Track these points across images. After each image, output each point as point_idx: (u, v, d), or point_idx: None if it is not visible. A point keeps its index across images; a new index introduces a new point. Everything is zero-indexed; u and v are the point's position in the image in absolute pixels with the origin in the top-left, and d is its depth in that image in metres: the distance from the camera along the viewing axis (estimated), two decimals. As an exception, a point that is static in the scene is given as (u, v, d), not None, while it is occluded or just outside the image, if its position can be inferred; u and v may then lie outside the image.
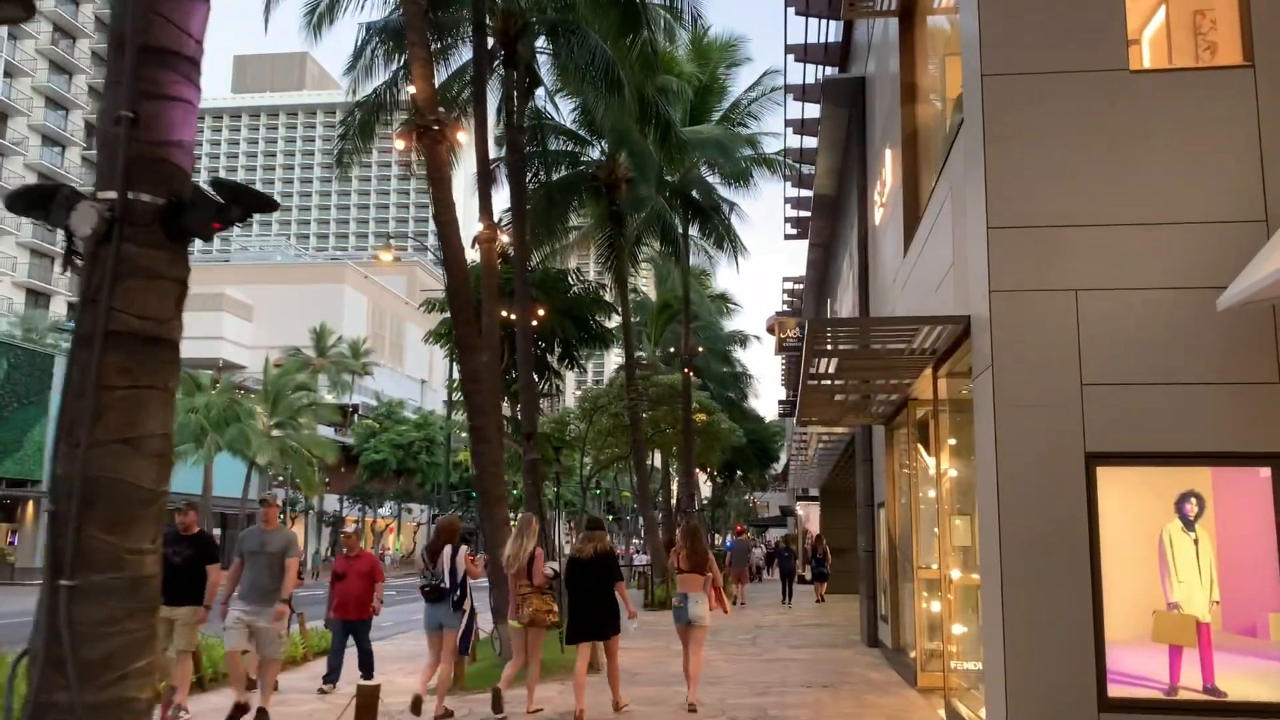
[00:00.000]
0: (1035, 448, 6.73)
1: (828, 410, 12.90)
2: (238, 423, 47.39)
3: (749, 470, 65.31)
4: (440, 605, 9.55)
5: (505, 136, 20.18)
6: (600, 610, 9.58)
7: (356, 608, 11.07)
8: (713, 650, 14.87)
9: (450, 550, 9.59)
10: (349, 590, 11.08)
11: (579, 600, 9.63)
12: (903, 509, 13.03)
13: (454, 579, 9.50)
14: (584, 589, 9.63)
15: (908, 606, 12.87)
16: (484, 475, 12.18)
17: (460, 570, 9.58)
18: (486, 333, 15.96)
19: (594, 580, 9.61)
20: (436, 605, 9.56)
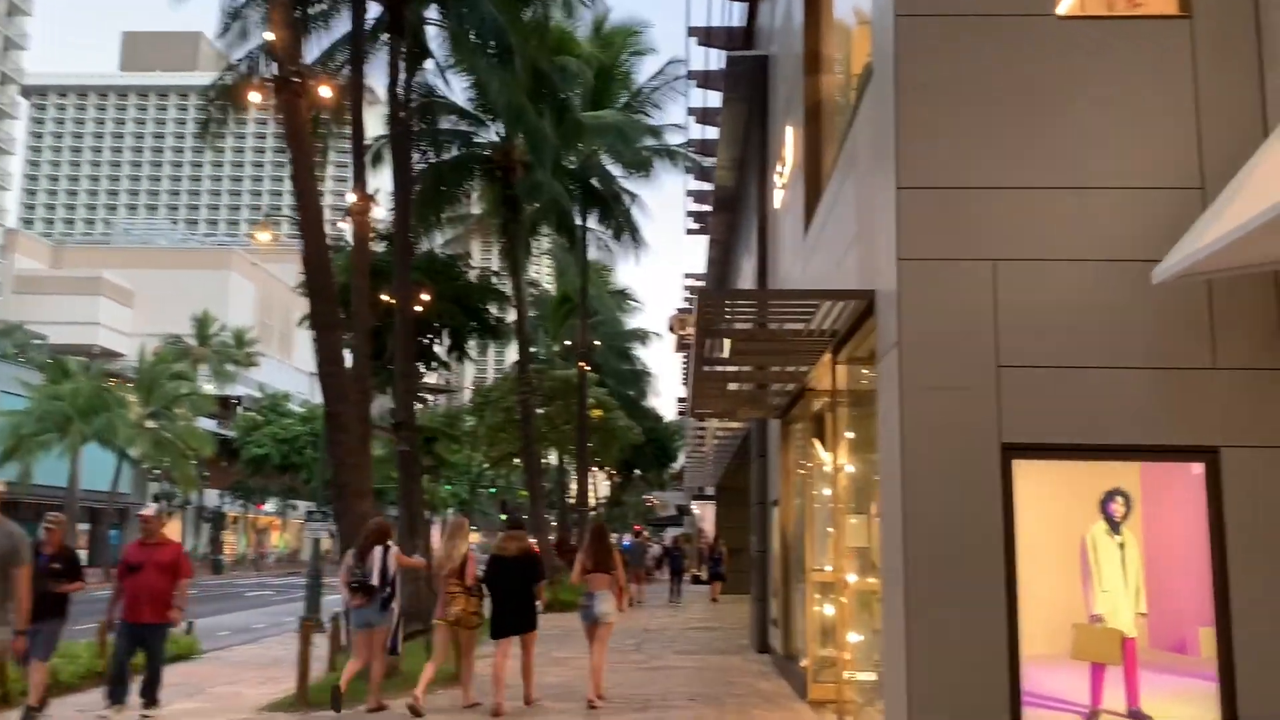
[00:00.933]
0: (945, 436, 5.90)
1: (722, 401, 12.03)
2: (107, 412, 44.60)
3: (647, 470, 64.66)
4: (370, 603, 9.63)
5: (389, 108, 18.87)
6: (522, 606, 9.86)
7: (152, 609, 8.96)
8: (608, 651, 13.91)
9: (381, 550, 9.69)
10: (143, 586, 8.93)
11: (502, 597, 9.85)
12: (797, 507, 12.25)
13: (384, 578, 9.61)
14: (507, 586, 9.85)
15: (799, 611, 12.10)
16: (342, 467, 10.98)
17: (391, 570, 9.69)
18: (356, 313, 14.70)
19: (517, 578, 9.84)
20: (364, 604, 9.65)
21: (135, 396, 48.36)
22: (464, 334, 26.94)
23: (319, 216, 11.12)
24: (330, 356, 10.98)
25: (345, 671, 9.73)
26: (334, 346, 11.00)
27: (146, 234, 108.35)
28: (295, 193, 11.01)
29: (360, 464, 11.15)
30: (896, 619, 5.96)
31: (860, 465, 9.20)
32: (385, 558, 9.69)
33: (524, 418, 27.46)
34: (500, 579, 9.89)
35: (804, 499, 11.76)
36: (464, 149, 26.88)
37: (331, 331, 11.01)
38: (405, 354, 17.90)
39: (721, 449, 24.10)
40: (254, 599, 35.55)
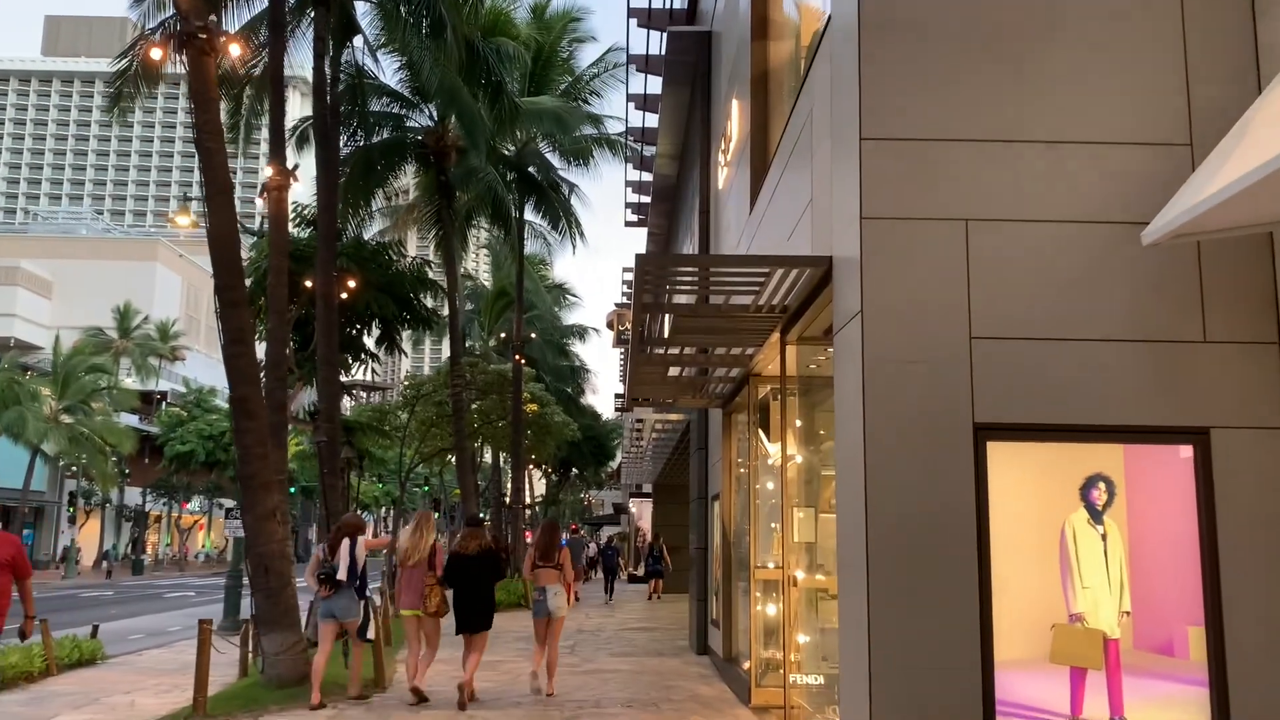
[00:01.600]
0: (912, 416, 5.28)
1: (662, 388, 11.36)
2: (17, 405, 42.58)
3: (585, 468, 63.89)
4: (338, 596, 9.72)
5: (314, 83, 17.88)
6: (481, 603, 10.02)
7: None
8: (526, 660, 13.15)
9: (349, 543, 9.79)
10: None
11: (463, 593, 10.00)
12: (739, 502, 11.63)
13: (353, 571, 9.77)
14: (468, 583, 10.02)
15: (742, 611, 11.49)
16: (249, 458, 10.08)
17: (360, 562, 9.84)
18: (273, 294, 13.74)
19: (477, 575, 10.04)
20: (332, 596, 9.74)
21: (49, 390, 46.30)
22: (395, 324, 25.90)
23: (228, 187, 10.21)
24: (236, 336, 10.08)
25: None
26: (241, 325, 10.10)
27: (68, 223, 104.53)
28: (200, 155, 10.08)
29: (268, 455, 10.27)
30: (857, 620, 5.33)
31: (808, 456, 8.61)
32: (354, 550, 9.81)
33: (456, 411, 26.53)
34: (461, 576, 10.07)
35: (747, 493, 11.15)
36: (396, 132, 25.90)
37: (238, 309, 10.11)
38: (327, 341, 16.92)
39: (660, 444, 23.50)
40: (173, 600, 34.11)
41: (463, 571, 10.04)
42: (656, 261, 6.77)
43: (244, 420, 10.15)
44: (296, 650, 10.22)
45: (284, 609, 10.16)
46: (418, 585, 9.95)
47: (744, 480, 11.45)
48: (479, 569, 10.03)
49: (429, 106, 26.19)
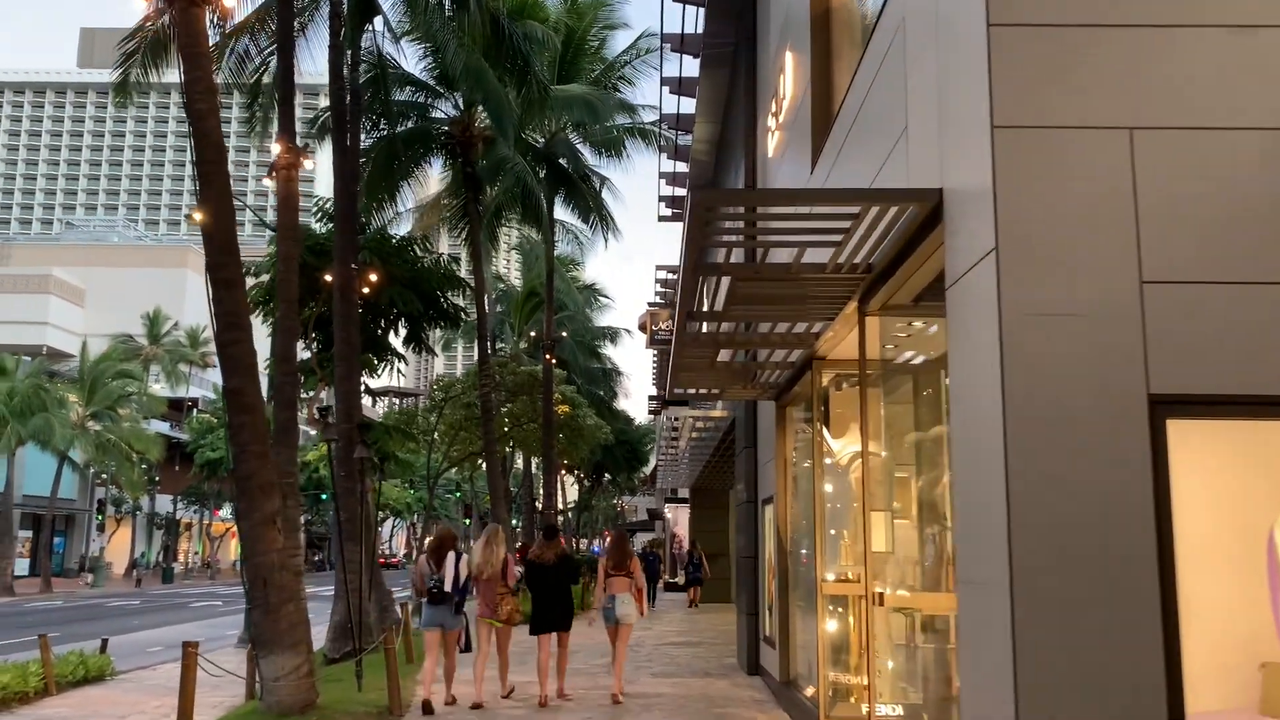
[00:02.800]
0: (1067, 386, 3.98)
1: (707, 377, 10.08)
2: (44, 412, 41.93)
3: (617, 473, 62.68)
4: (441, 606, 10.14)
5: (330, 62, 16.82)
6: (561, 606, 10.70)
7: None
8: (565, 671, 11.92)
9: (454, 556, 10.26)
10: None
11: (542, 598, 10.69)
12: (799, 506, 10.32)
13: (455, 583, 10.19)
14: (547, 588, 10.70)
15: (805, 629, 10.18)
16: (244, 456, 8.92)
17: (463, 575, 10.29)
18: (282, 283, 12.63)
19: (555, 581, 10.72)
20: (437, 607, 10.14)
21: (76, 396, 45.70)
22: (421, 322, 24.78)
23: (222, 150, 9.07)
24: (231, 321, 8.93)
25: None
26: (235, 309, 8.95)
27: (100, 231, 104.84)
28: (191, 119, 8.96)
29: (267, 453, 9.10)
30: (994, 653, 4.03)
31: (893, 449, 7.31)
32: (458, 564, 10.27)
33: (485, 413, 25.36)
34: (540, 581, 10.75)
35: (810, 496, 9.85)
36: (420, 122, 24.83)
37: (232, 290, 8.95)
38: (345, 335, 15.83)
39: (698, 446, 22.18)
40: (199, 610, 33.27)
41: (542, 577, 10.76)
42: (717, 199, 5.51)
43: (239, 414, 8.98)
44: (300, 675, 9.04)
45: (286, 627, 8.99)
46: (491, 596, 10.51)
47: (803, 481, 10.14)
48: (557, 575, 10.80)
49: (454, 95, 25.12)
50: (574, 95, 25.33)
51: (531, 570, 10.80)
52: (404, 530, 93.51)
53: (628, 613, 10.79)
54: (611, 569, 10.88)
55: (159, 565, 60.46)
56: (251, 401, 9.02)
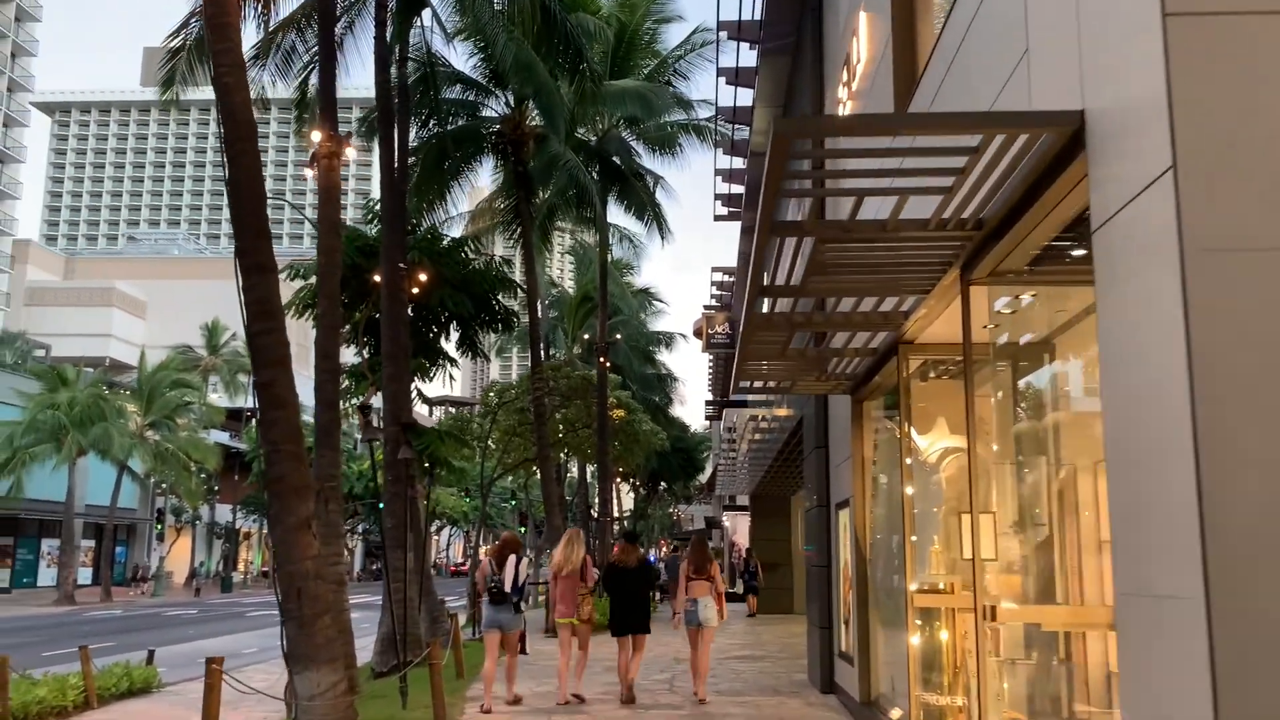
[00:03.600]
0: (1274, 341, 3.07)
1: (776, 367, 9.20)
2: (103, 421, 42.17)
3: (673, 480, 61.76)
4: (502, 607, 10.56)
5: (375, 53, 16.25)
6: (641, 609, 11.08)
7: None
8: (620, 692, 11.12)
9: (515, 560, 10.65)
10: None
11: (622, 601, 11.08)
12: (881, 509, 9.38)
13: (515, 585, 10.57)
14: (627, 591, 11.09)
15: (888, 644, 9.25)
16: (276, 456, 8.23)
17: (522, 577, 10.70)
18: (323, 278, 12.01)
19: (635, 584, 11.15)
20: (499, 607, 10.58)
21: (135, 406, 45.97)
22: (472, 325, 24.17)
23: (249, 127, 8.40)
24: (262, 309, 8.26)
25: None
26: (266, 296, 8.28)
27: (162, 245, 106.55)
28: (217, 94, 8.33)
29: (301, 454, 8.41)
30: (1180, 681, 3.13)
31: (1002, 441, 6.39)
32: (518, 567, 10.65)
33: (538, 417, 24.67)
34: (620, 585, 11.16)
35: (894, 498, 8.93)
36: (470, 120, 24.29)
37: (265, 276, 8.28)
38: (393, 335, 15.22)
39: (759, 450, 21.28)
40: (255, 619, 32.98)
41: (622, 581, 11.17)
42: (804, 126, 4.65)
43: (270, 410, 8.30)
44: (337, 693, 8.31)
45: (322, 641, 8.26)
46: (571, 596, 10.93)
47: (886, 483, 9.22)
48: (636, 579, 11.22)
49: (504, 93, 24.56)
50: (627, 89, 24.62)
51: (613, 574, 11.33)
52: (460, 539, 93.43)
53: (709, 616, 11.11)
54: (693, 574, 11.24)
55: (218, 574, 60.72)
56: (284, 396, 8.34)
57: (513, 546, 10.93)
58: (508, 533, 11.95)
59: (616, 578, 11.22)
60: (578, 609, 10.88)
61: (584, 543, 11.56)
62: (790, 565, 28.90)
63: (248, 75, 9.35)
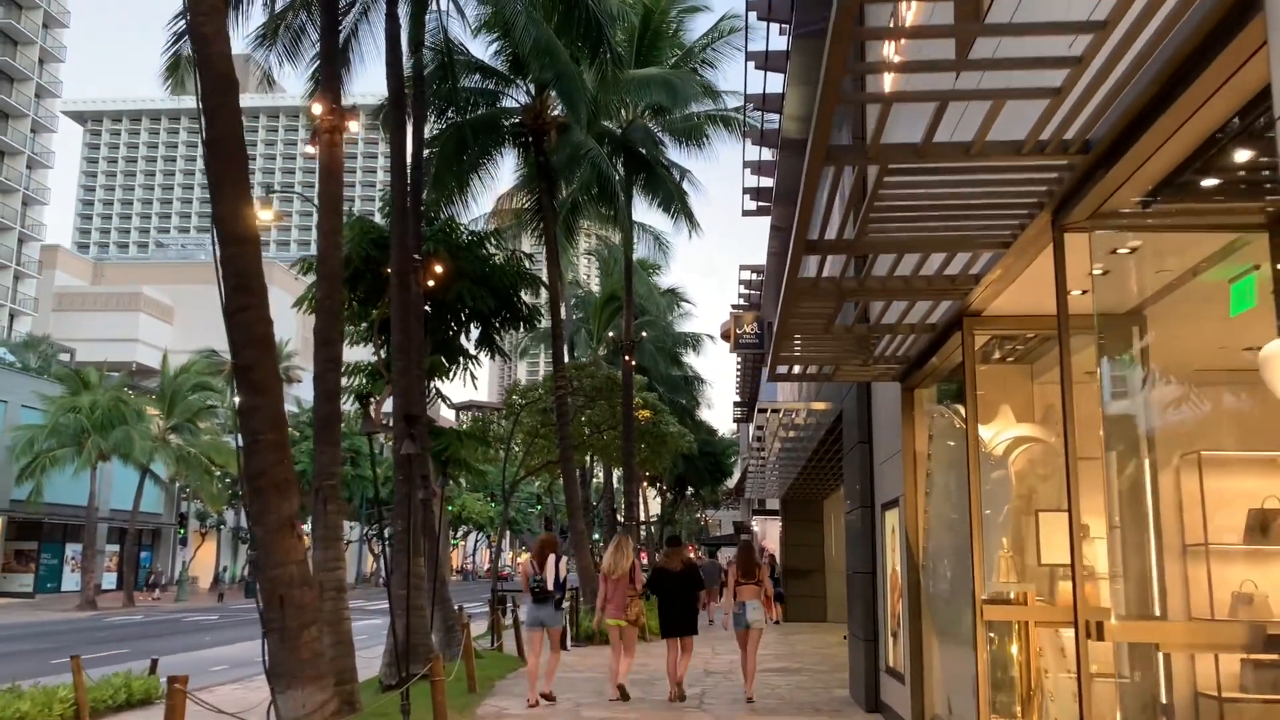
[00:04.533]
0: None
1: (818, 346, 8.19)
2: (124, 425, 41.70)
3: (700, 485, 60.75)
4: (544, 605, 10.91)
5: (387, 32, 15.38)
6: (688, 611, 11.39)
7: None
8: (646, 711, 10.15)
9: (555, 559, 10.98)
10: None
11: (669, 603, 11.41)
12: (940, 507, 8.33)
13: (557, 583, 10.97)
14: (673, 594, 11.41)
15: (948, 660, 8.20)
16: (257, 447, 7.34)
17: (563, 574, 11.12)
18: (323, 260, 11.14)
19: (681, 587, 11.45)
20: (541, 605, 10.92)
21: (156, 410, 45.50)
22: (493, 322, 23.27)
23: (228, 78, 7.51)
24: (242, 284, 7.37)
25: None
26: (246, 269, 7.40)
27: (189, 250, 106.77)
28: (193, 46, 7.45)
29: (285, 445, 7.51)
30: None
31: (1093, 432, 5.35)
32: (558, 566, 11.05)
33: (560, 417, 23.73)
34: (667, 588, 11.56)
35: (954, 495, 7.90)
36: (490, 109, 23.43)
37: (243, 247, 7.40)
38: (404, 326, 14.30)
39: (790, 451, 20.23)
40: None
41: (668, 585, 11.57)
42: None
43: (250, 395, 7.40)
44: (326, 714, 7.38)
45: (307, 657, 7.35)
46: (620, 598, 11.32)
47: (944, 479, 8.18)
48: (683, 582, 11.60)
49: (525, 82, 23.69)
50: (652, 76, 23.72)
51: (659, 577, 11.77)
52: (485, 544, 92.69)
53: (758, 618, 11.49)
54: (741, 578, 11.61)
55: (243, 579, 60.20)
56: (265, 381, 7.44)
57: (552, 547, 11.30)
58: (546, 534, 12.28)
59: (662, 581, 11.69)
60: (625, 611, 11.30)
61: (632, 547, 12.10)
62: (823, 571, 27.78)
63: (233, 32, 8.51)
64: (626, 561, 11.58)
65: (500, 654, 17.14)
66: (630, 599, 11.39)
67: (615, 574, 11.46)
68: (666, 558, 12.08)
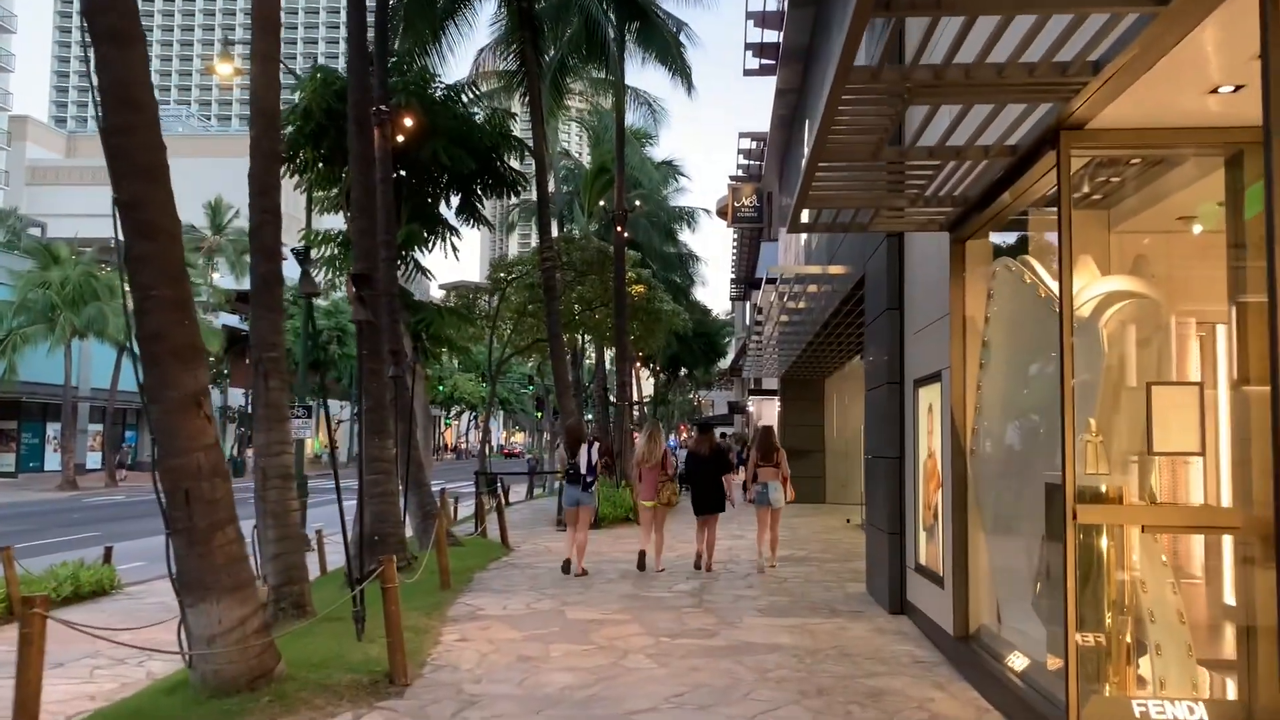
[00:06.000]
0: None
1: (859, 184, 6.57)
2: (96, 301, 40.01)
3: (694, 366, 59.56)
4: (577, 486, 12.12)
5: None
6: (716, 492, 12.39)
7: None
8: (639, 612, 8.91)
9: (586, 447, 12.28)
10: None
11: (700, 485, 12.44)
12: (1001, 382, 6.84)
13: (589, 467, 12.14)
14: (703, 476, 12.44)
15: (1000, 562, 6.85)
16: (149, 306, 5.78)
17: (595, 460, 12.30)
18: (256, 92, 9.34)
19: (710, 470, 12.42)
20: (574, 486, 12.17)
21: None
22: (474, 188, 21.41)
23: None
24: (122, 97, 5.63)
25: (569, 543, 12.17)
26: (128, 77, 5.67)
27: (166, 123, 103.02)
28: None
29: (186, 304, 5.95)
30: None
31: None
32: (590, 451, 12.13)
33: (548, 291, 22.13)
34: (697, 471, 12.41)
35: (1023, 367, 6.40)
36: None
37: (124, 49, 5.64)
38: (364, 179, 12.56)
39: (795, 325, 18.73)
40: (258, 506, 31.26)
41: (699, 468, 12.45)
42: None
43: (138, 240, 5.79)
44: (248, 631, 6.01)
45: (222, 562, 5.94)
46: (653, 482, 12.24)
47: (1008, 346, 6.67)
48: (711, 465, 12.40)
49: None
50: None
51: (691, 461, 12.76)
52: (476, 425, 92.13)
53: (778, 498, 12.42)
54: (761, 461, 12.56)
55: (231, 459, 59.32)
56: (156, 221, 5.82)
57: (581, 434, 12.81)
58: (573, 423, 13.64)
59: (692, 464, 12.63)
60: (658, 493, 12.19)
61: (663, 434, 13.05)
62: (823, 452, 26.69)
63: None
64: (659, 449, 12.44)
65: (484, 540, 15.95)
66: (662, 483, 12.23)
67: (650, 462, 12.29)
68: (696, 442, 12.91)
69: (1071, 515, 4.99)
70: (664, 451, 12.49)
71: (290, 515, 8.81)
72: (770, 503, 12.39)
